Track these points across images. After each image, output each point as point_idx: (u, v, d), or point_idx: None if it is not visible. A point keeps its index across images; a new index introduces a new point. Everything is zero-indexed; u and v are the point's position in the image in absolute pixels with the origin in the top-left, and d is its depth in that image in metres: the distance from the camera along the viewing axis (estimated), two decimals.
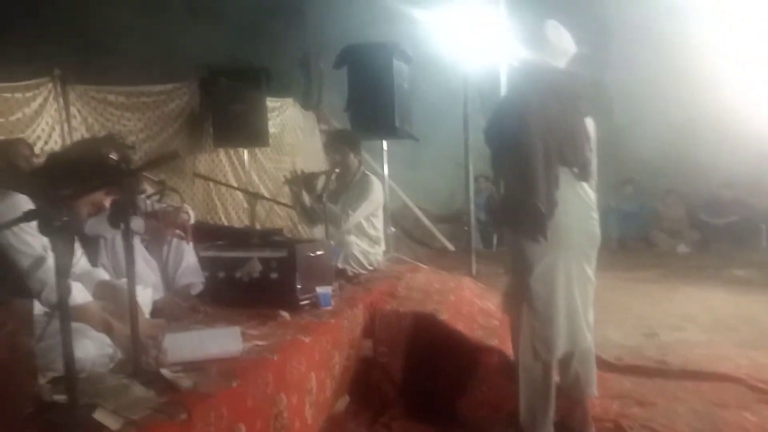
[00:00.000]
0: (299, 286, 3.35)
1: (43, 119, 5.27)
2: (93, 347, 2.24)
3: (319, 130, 8.85)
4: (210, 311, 3.23)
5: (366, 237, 4.66)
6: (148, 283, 2.98)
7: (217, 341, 2.52)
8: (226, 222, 6.72)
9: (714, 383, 3.71)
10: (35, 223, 1.84)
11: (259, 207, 5.80)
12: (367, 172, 4.82)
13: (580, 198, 2.96)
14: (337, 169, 4.67)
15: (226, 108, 6.47)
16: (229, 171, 7.07)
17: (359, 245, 4.57)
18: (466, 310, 4.24)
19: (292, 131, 8.07)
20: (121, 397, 1.96)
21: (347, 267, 4.38)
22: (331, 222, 4.38)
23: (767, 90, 7.90)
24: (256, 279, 3.39)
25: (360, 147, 4.84)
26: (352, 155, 4.71)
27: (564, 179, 2.90)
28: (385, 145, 6.54)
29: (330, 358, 3.09)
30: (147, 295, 2.81)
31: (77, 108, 5.63)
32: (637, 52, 8.98)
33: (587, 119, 3.04)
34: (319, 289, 3.41)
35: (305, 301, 3.37)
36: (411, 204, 9.58)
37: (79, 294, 2.29)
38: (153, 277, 3.22)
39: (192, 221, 3.63)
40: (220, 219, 6.73)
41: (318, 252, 3.58)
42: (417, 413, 3.33)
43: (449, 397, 3.40)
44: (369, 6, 7.87)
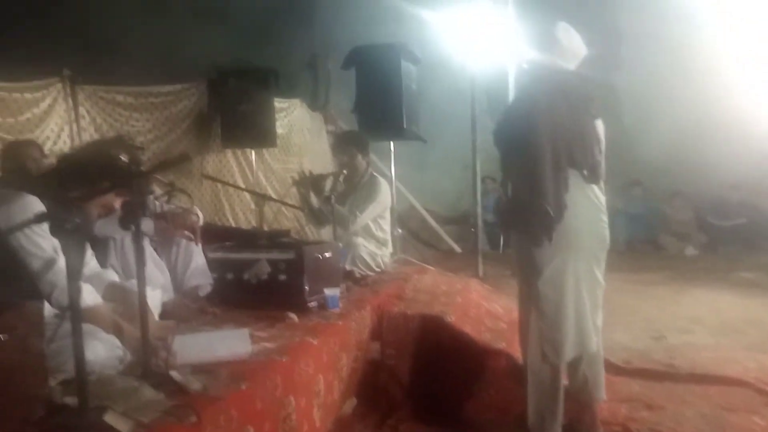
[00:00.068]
0: (307, 287, 3.34)
1: (53, 119, 5.30)
2: (103, 349, 2.24)
3: (327, 131, 8.87)
4: (218, 313, 3.22)
5: (373, 239, 4.65)
6: (157, 285, 2.99)
7: (226, 343, 2.51)
8: (233, 223, 6.74)
9: (722, 387, 3.68)
10: (46, 225, 1.84)
11: (267, 208, 5.80)
12: (375, 173, 4.82)
13: (589, 200, 2.94)
14: (345, 171, 4.67)
15: (234, 109, 6.48)
16: (237, 172, 7.09)
17: (367, 247, 4.57)
18: (473, 312, 4.23)
19: (299, 132, 8.08)
20: (131, 400, 1.96)
21: (354, 268, 4.38)
22: (339, 223, 4.38)
23: None
24: (264, 281, 3.38)
25: (368, 148, 4.84)
26: (360, 156, 4.71)
27: (573, 182, 2.89)
28: (393, 146, 6.54)
29: (338, 360, 3.08)
30: (156, 297, 2.81)
31: (86, 108, 5.66)
32: (646, 54, 8.97)
33: (597, 121, 3.03)
34: (327, 291, 3.40)
35: (313, 303, 3.37)
36: (418, 205, 9.57)
37: (89, 296, 2.30)
38: (162, 279, 3.22)
39: (201, 223, 3.64)
40: (227, 220, 6.75)
41: (326, 254, 3.57)
42: (424, 416, 3.33)
43: (457, 400, 3.40)
44: (377, 7, 7.88)
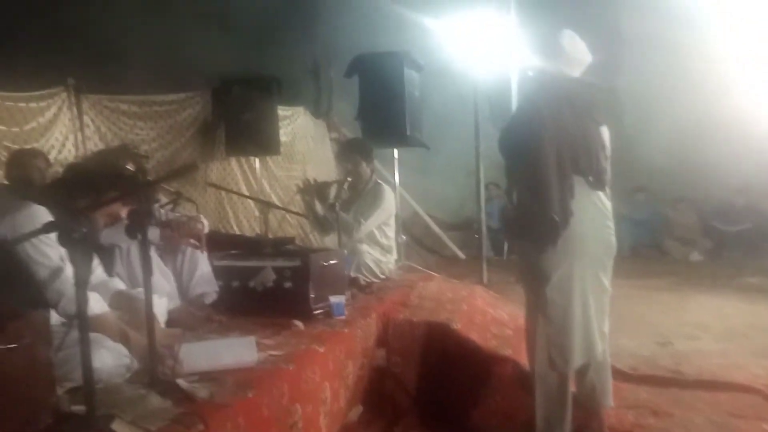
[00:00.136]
0: (312, 295, 3.34)
1: (57, 128, 5.31)
2: (110, 357, 2.24)
3: (330, 138, 8.88)
4: (224, 320, 3.22)
5: (378, 246, 4.65)
6: (163, 293, 2.98)
7: (233, 351, 2.51)
8: (237, 230, 6.74)
9: (730, 393, 3.67)
10: (53, 234, 1.84)
11: (271, 215, 5.81)
12: (380, 180, 4.83)
13: (596, 207, 2.94)
14: (349, 178, 4.68)
15: (237, 117, 6.49)
16: (241, 180, 7.10)
17: (371, 254, 4.57)
18: (479, 319, 4.22)
19: (302, 140, 8.09)
20: (138, 408, 1.96)
21: (359, 276, 4.38)
22: (344, 231, 4.38)
23: None
24: (269, 288, 3.38)
25: (372, 156, 4.84)
26: (364, 164, 4.72)
27: (579, 189, 2.88)
28: (396, 153, 6.55)
29: (344, 367, 3.08)
30: (162, 305, 2.81)
31: (90, 117, 5.66)
32: (648, 59, 8.97)
33: (602, 128, 3.03)
34: (333, 299, 3.40)
35: (318, 311, 3.36)
36: (421, 212, 9.56)
37: (96, 304, 2.30)
38: (168, 287, 3.22)
39: (206, 230, 3.64)
40: (231, 227, 6.75)
41: (331, 261, 3.57)
42: (430, 423, 3.32)
43: (463, 407, 3.38)
44: (380, 15, 7.90)
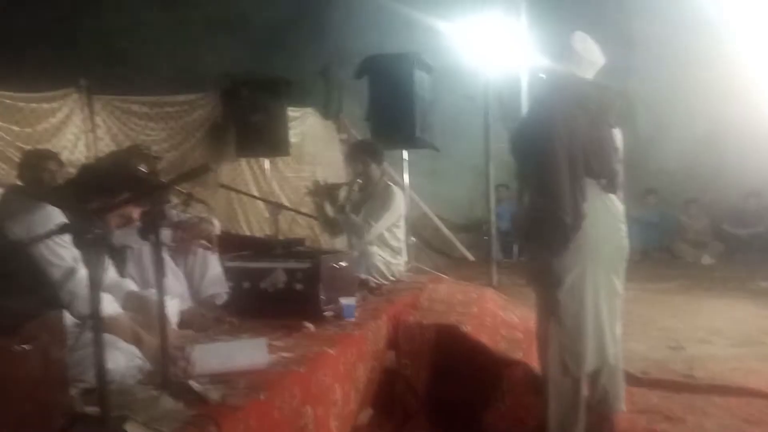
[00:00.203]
0: (323, 297, 3.34)
1: (69, 129, 5.35)
2: (123, 359, 2.24)
3: (339, 139, 8.89)
4: (235, 322, 3.22)
5: (388, 247, 4.64)
6: (174, 294, 2.99)
7: (245, 353, 2.50)
8: (247, 231, 6.76)
9: (743, 398, 3.63)
10: (67, 235, 1.85)
11: (281, 217, 5.81)
12: (389, 182, 4.82)
13: (608, 210, 2.92)
14: (359, 180, 4.67)
15: (247, 118, 6.52)
16: (251, 181, 7.11)
17: (381, 256, 4.55)
18: (489, 321, 4.20)
19: (312, 141, 8.11)
20: (151, 410, 1.96)
21: (369, 278, 4.36)
22: (354, 233, 4.37)
23: None
24: (280, 290, 3.37)
25: (382, 157, 4.83)
26: (374, 165, 4.70)
27: (591, 191, 2.87)
28: (406, 155, 6.54)
29: (354, 370, 3.07)
30: (174, 306, 2.81)
31: (102, 118, 5.70)
32: (661, 62, 8.93)
33: (614, 130, 3.01)
34: (343, 301, 3.39)
35: (329, 312, 3.36)
36: (431, 213, 9.55)
37: (109, 305, 2.30)
38: (179, 288, 3.23)
39: (217, 232, 3.64)
40: (242, 228, 6.77)
41: (342, 263, 3.57)
42: (440, 425, 3.31)
43: (473, 410, 3.36)
44: (390, 16, 7.91)
